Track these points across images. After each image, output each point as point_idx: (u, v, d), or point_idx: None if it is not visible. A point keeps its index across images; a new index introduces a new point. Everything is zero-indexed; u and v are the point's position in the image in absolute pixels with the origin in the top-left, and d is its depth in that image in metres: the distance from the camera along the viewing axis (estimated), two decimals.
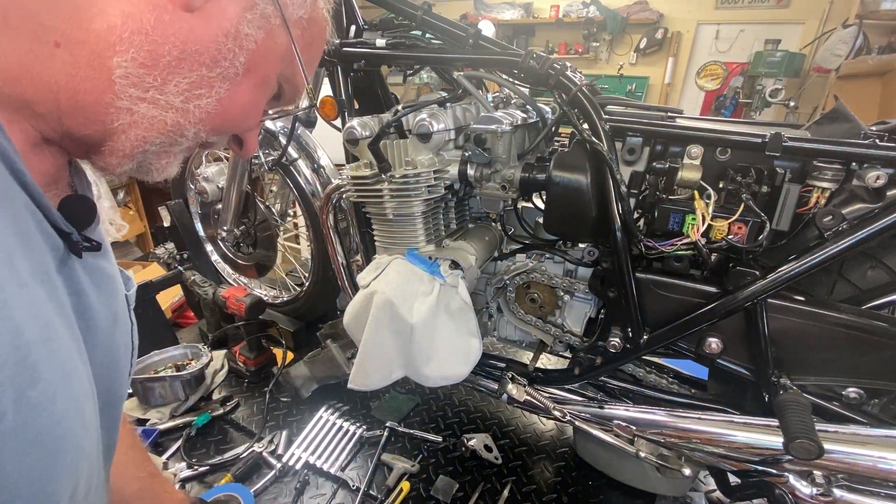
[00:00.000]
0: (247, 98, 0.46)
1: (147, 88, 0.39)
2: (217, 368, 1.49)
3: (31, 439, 0.33)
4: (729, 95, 4.52)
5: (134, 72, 0.38)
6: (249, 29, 0.43)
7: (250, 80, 0.45)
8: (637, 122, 0.86)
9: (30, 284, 0.34)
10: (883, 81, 3.34)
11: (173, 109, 0.41)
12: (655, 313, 0.93)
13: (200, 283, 1.55)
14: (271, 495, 1.11)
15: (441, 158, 1.00)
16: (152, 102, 0.40)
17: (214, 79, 0.42)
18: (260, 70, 0.46)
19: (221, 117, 0.45)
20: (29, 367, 0.32)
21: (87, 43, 0.36)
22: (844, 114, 0.84)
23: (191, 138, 0.44)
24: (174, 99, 0.41)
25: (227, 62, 0.42)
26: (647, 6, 5.05)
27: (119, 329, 0.50)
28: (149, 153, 0.43)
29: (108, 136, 0.41)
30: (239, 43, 0.42)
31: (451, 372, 0.99)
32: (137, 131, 0.41)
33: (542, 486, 1.16)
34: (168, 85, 0.40)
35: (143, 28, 0.37)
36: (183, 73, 0.40)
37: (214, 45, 0.41)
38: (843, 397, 0.85)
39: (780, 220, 0.79)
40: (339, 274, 1.36)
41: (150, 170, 0.45)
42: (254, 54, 0.44)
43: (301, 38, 0.47)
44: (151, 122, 0.41)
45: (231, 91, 0.44)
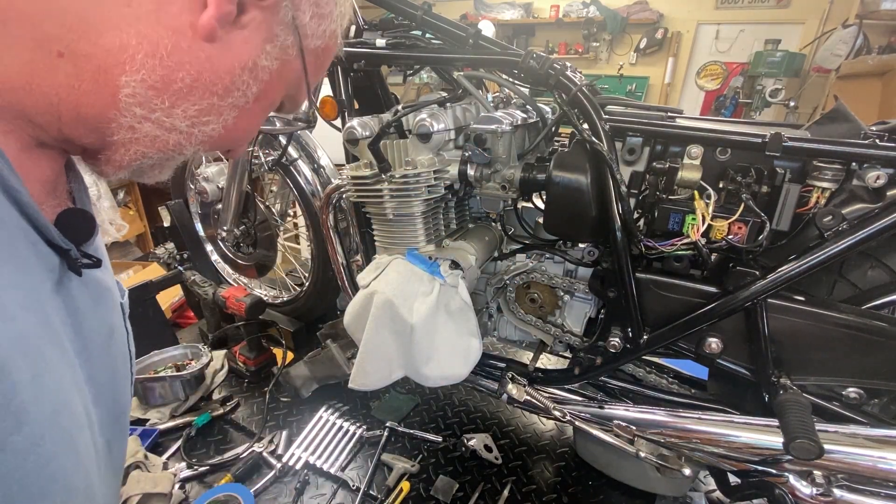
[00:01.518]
0: (253, 122, 0.46)
1: (154, 110, 0.38)
2: (217, 368, 1.49)
3: (16, 485, 0.32)
4: (729, 95, 4.52)
5: (142, 93, 0.37)
6: (267, 61, 0.42)
7: (259, 106, 0.45)
8: (637, 122, 0.86)
9: (18, 317, 0.33)
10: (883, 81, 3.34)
11: (177, 132, 0.40)
12: (655, 313, 0.93)
13: (200, 283, 1.55)
14: (271, 495, 1.11)
15: (441, 158, 1.00)
16: (157, 123, 0.39)
17: (224, 107, 0.41)
18: (269, 97, 0.45)
19: (224, 140, 0.44)
20: (13, 412, 0.31)
21: (94, 57, 0.35)
22: (844, 114, 0.84)
23: (188, 155, 0.44)
24: (180, 123, 0.40)
25: (239, 93, 0.41)
26: (647, 6, 5.05)
27: (116, 340, 0.49)
28: (144, 165, 0.42)
29: (107, 147, 0.40)
30: (255, 75, 0.42)
31: (451, 372, 0.99)
32: (138, 147, 0.40)
33: (542, 486, 1.16)
34: (176, 109, 0.39)
35: (157, 52, 0.36)
36: (193, 100, 0.39)
37: (229, 77, 0.40)
38: (843, 397, 0.85)
39: (780, 220, 0.79)
40: (339, 274, 1.36)
41: (143, 176, 0.45)
42: (266, 84, 0.43)
43: (313, 64, 0.47)
44: (153, 141, 0.40)
45: (238, 118, 0.43)
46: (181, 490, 1.11)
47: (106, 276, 0.48)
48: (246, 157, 1.45)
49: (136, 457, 1.11)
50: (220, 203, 1.66)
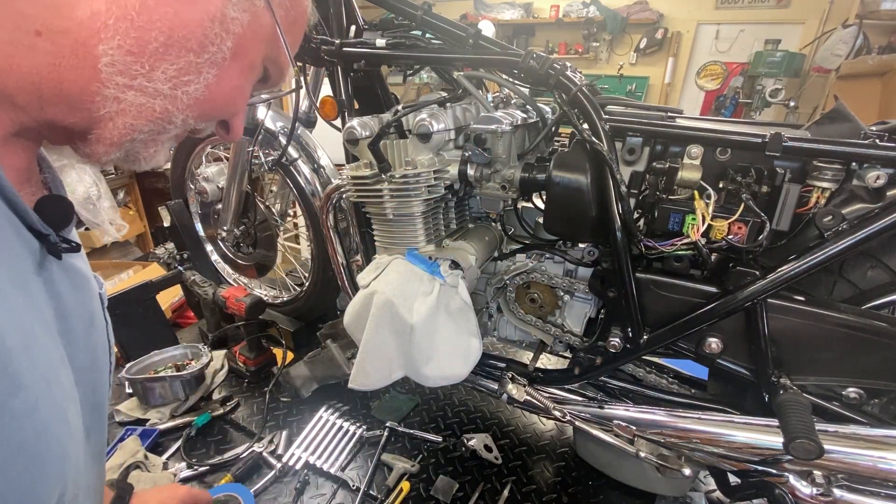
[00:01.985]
0: (235, 83, 0.46)
1: (134, 76, 0.38)
2: (217, 368, 1.49)
3: (15, 449, 0.33)
4: (729, 95, 4.52)
5: (121, 59, 0.37)
6: (235, 12, 0.42)
7: (237, 64, 0.45)
8: (637, 122, 0.86)
9: (8, 292, 0.34)
10: (883, 81, 3.34)
11: (161, 96, 0.41)
12: (655, 313, 0.93)
13: (200, 283, 1.55)
14: (271, 495, 1.11)
15: (441, 158, 1.00)
16: (140, 90, 0.39)
17: (202, 64, 0.42)
18: (247, 54, 0.45)
19: (210, 102, 0.44)
20: (10, 376, 0.32)
21: (70, 31, 0.35)
22: (844, 114, 0.84)
23: (179, 125, 0.44)
24: (162, 86, 0.40)
25: (214, 47, 0.42)
26: (647, 6, 5.05)
27: (96, 329, 0.50)
28: (136, 141, 0.42)
29: (95, 125, 0.40)
30: (226, 27, 0.42)
31: (451, 372, 0.99)
32: (125, 119, 0.40)
33: (542, 486, 1.16)
34: (156, 72, 0.39)
35: (127, 14, 0.37)
36: (170, 59, 0.40)
37: (201, 30, 0.41)
38: (843, 397, 0.85)
39: (780, 220, 0.79)
40: (339, 274, 1.36)
41: (138, 158, 0.45)
42: (240, 38, 0.44)
43: (285, 18, 0.47)
44: (139, 110, 0.40)
45: (219, 76, 0.43)
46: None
47: (84, 265, 0.49)
48: (246, 157, 1.45)
49: (136, 457, 1.11)
50: (220, 203, 1.66)
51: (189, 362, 1.42)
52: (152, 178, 3.35)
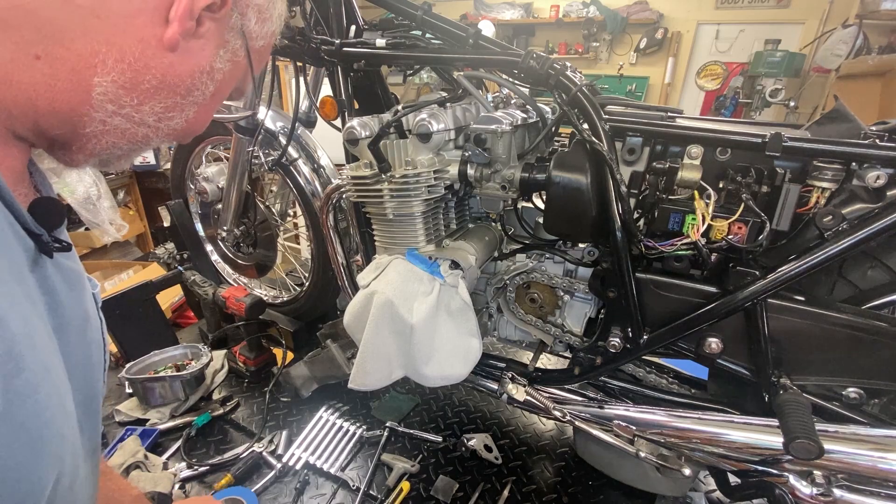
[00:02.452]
0: (208, 114, 0.52)
1: (123, 106, 0.43)
2: (217, 368, 1.49)
3: (17, 425, 0.34)
4: (729, 95, 4.52)
5: (113, 91, 0.42)
6: (220, 64, 0.49)
7: (214, 101, 0.51)
8: (637, 122, 0.86)
9: (8, 281, 0.36)
10: (883, 81, 3.34)
11: (145, 126, 0.46)
12: (655, 313, 0.93)
13: (200, 283, 1.55)
14: (271, 495, 1.11)
15: (441, 158, 1.00)
16: (126, 118, 0.44)
17: (186, 105, 0.48)
18: (222, 92, 0.52)
19: (185, 131, 0.50)
20: (14, 357, 0.34)
21: (68, 60, 0.39)
22: (844, 114, 0.84)
23: (153, 146, 0.50)
24: (148, 118, 0.45)
25: (199, 92, 0.48)
26: (647, 6, 5.05)
27: (90, 326, 0.51)
28: (112, 156, 0.47)
29: (78, 139, 0.44)
30: (211, 76, 0.48)
31: (451, 372, 0.99)
32: (109, 138, 0.44)
33: (542, 486, 1.16)
34: (144, 106, 0.44)
35: (126, 58, 0.41)
36: (159, 99, 0.45)
37: (190, 80, 0.46)
38: (843, 397, 0.85)
39: (780, 220, 0.79)
40: (339, 274, 1.36)
41: (110, 165, 0.50)
42: (221, 83, 0.50)
43: (257, 60, 0.54)
44: (123, 133, 0.45)
45: (198, 112, 0.50)
46: (181, 490, 1.11)
47: (76, 264, 0.51)
48: (246, 157, 1.45)
49: (136, 457, 1.11)
50: (220, 203, 1.66)
51: (189, 362, 1.42)
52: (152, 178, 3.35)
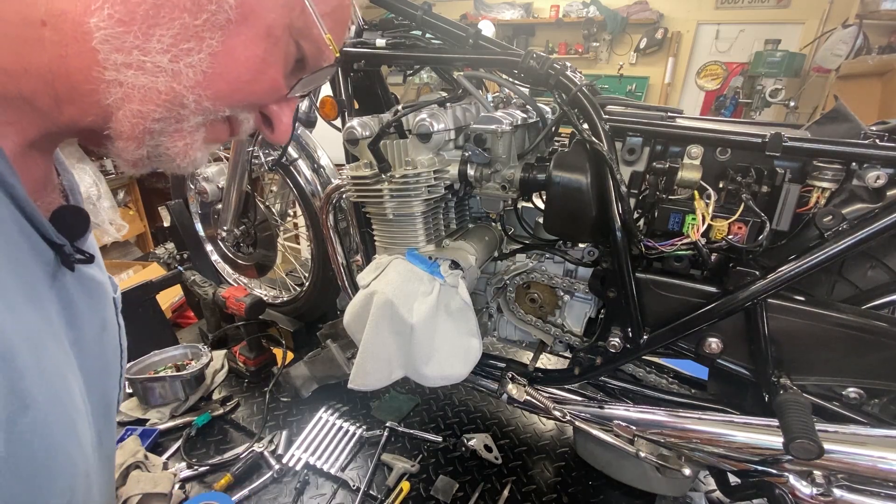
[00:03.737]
0: (250, 53, 0.39)
1: (129, 50, 0.35)
2: (217, 368, 1.49)
3: (23, 465, 0.33)
4: (729, 95, 4.52)
5: (113, 32, 0.34)
6: None
7: (249, 29, 0.38)
8: (637, 122, 0.86)
9: (19, 306, 0.34)
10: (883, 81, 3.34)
11: (163, 72, 0.36)
12: (655, 313, 0.93)
13: (200, 283, 1.55)
14: (271, 495, 1.11)
15: (441, 158, 1.00)
16: (138, 67, 0.36)
17: (201, 27, 0.36)
18: (259, 17, 0.38)
19: (223, 78, 0.38)
20: (20, 394, 0.32)
21: (67, 12, 0.33)
22: (844, 114, 0.84)
23: (193, 108, 0.39)
24: (160, 58, 0.36)
25: (213, 5, 0.36)
26: (647, 6, 5.05)
27: (108, 333, 0.50)
28: (154, 133, 0.39)
29: (107, 118, 0.37)
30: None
31: (451, 372, 0.99)
32: (131, 105, 0.37)
33: (542, 486, 1.16)
34: (150, 41, 0.35)
35: None
36: (163, 23, 0.35)
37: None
38: (843, 397, 0.85)
39: (780, 220, 0.78)
40: (339, 274, 1.36)
41: (169, 154, 0.40)
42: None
43: None
44: (144, 93, 0.36)
45: (226, 43, 0.37)
46: (181, 490, 1.11)
47: (98, 271, 0.49)
48: (246, 157, 1.45)
49: (136, 457, 1.11)
50: (220, 203, 1.66)
51: (189, 362, 1.42)
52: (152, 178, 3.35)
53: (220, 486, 1.10)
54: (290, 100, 0.46)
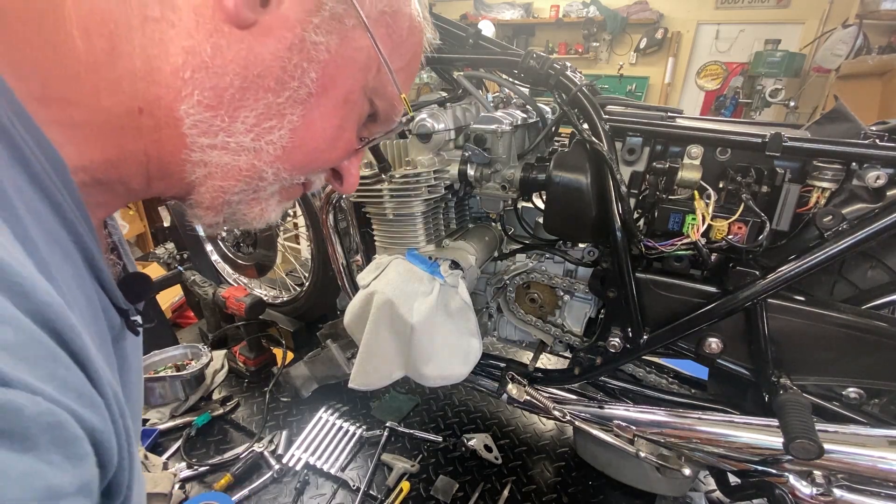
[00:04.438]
0: (328, 123, 0.39)
1: (216, 133, 0.35)
2: (217, 368, 1.49)
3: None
4: (729, 95, 4.52)
5: (201, 117, 0.35)
6: (318, 36, 0.36)
7: (328, 99, 0.38)
8: (637, 122, 0.86)
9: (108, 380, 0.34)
10: (883, 81, 3.34)
11: (245, 151, 0.37)
12: (655, 313, 0.93)
13: (200, 283, 1.55)
14: (271, 495, 1.11)
15: (441, 158, 1.00)
16: (223, 148, 0.36)
17: (284, 104, 0.36)
18: (339, 85, 0.38)
19: (301, 150, 0.39)
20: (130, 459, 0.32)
21: (161, 98, 0.33)
22: (844, 114, 0.84)
23: (272, 180, 0.39)
24: (244, 138, 0.36)
25: (295, 82, 0.36)
26: (647, 6, 5.05)
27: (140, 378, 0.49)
28: (233, 203, 0.39)
29: (190, 191, 0.38)
30: (307, 55, 0.36)
31: (451, 372, 0.99)
32: (214, 182, 0.37)
33: (542, 486, 1.16)
34: (235, 123, 0.36)
35: (203, 62, 0.33)
36: (248, 104, 0.35)
37: (278, 64, 0.35)
38: (843, 397, 0.85)
39: (780, 220, 0.79)
40: (339, 274, 1.36)
41: (245, 219, 0.41)
42: (327, 66, 0.37)
43: (387, 38, 0.40)
44: (226, 171, 0.37)
45: (306, 116, 0.38)
46: (181, 490, 1.11)
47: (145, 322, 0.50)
48: None
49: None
50: None
51: (189, 362, 1.42)
52: None
53: (220, 486, 1.10)
54: (358, 152, 0.46)
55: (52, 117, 0.30)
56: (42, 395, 0.22)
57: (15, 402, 0.21)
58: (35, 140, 0.28)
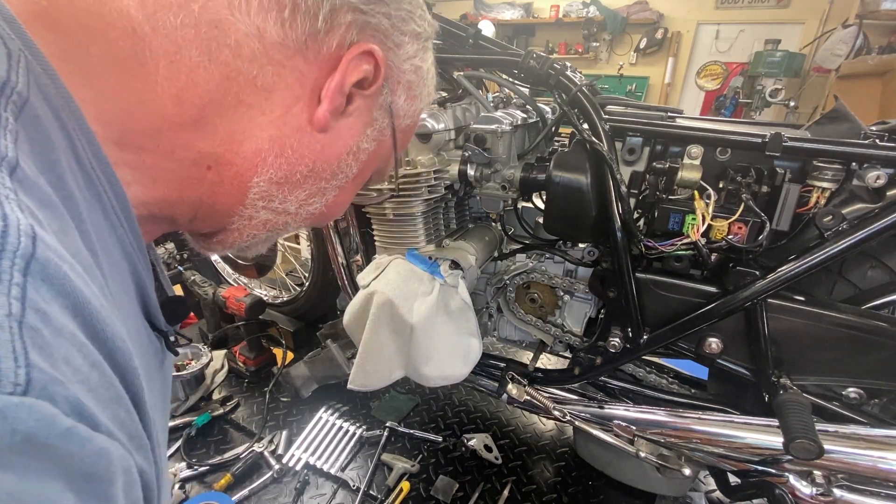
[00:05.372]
0: (348, 197, 0.49)
1: (272, 199, 0.41)
2: (217, 368, 1.49)
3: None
4: (729, 95, 4.52)
5: (267, 188, 0.40)
6: (366, 144, 0.45)
7: (354, 185, 0.48)
8: (637, 122, 0.86)
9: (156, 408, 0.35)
10: (883, 81, 3.34)
11: (287, 214, 0.43)
12: (655, 313, 0.93)
13: (200, 283, 1.54)
14: (271, 495, 1.11)
15: (441, 158, 1.00)
16: (272, 210, 0.42)
17: (329, 189, 0.45)
18: (364, 174, 0.48)
19: (322, 216, 0.47)
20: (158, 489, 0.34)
21: (234, 165, 0.38)
22: (844, 114, 0.84)
23: (290, 232, 0.47)
24: (291, 206, 0.43)
25: (343, 175, 0.45)
26: (647, 6, 5.05)
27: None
28: (250, 244, 0.46)
29: (222, 232, 0.43)
30: (357, 157, 0.45)
31: (451, 372, 0.99)
32: (251, 231, 0.43)
33: (542, 486, 1.16)
34: (290, 197, 0.42)
35: (285, 152, 0.39)
36: (306, 187, 0.43)
37: (337, 162, 0.43)
38: (843, 397, 0.85)
39: (780, 220, 0.79)
40: (339, 274, 1.36)
41: (246, 252, 0.48)
42: (363, 164, 0.46)
43: (401, 140, 0.50)
44: (264, 224, 0.43)
45: (337, 196, 0.46)
46: (181, 490, 1.11)
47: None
48: None
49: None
50: None
51: (189, 362, 1.42)
52: None
53: (220, 486, 1.10)
54: None
55: (125, 160, 0.33)
56: (118, 440, 0.23)
57: (106, 448, 0.22)
58: (107, 178, 0.31)
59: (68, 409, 0.21)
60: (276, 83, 0.37)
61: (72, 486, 0.21)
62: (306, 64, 0.37)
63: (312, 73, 0.38)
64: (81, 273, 0.25)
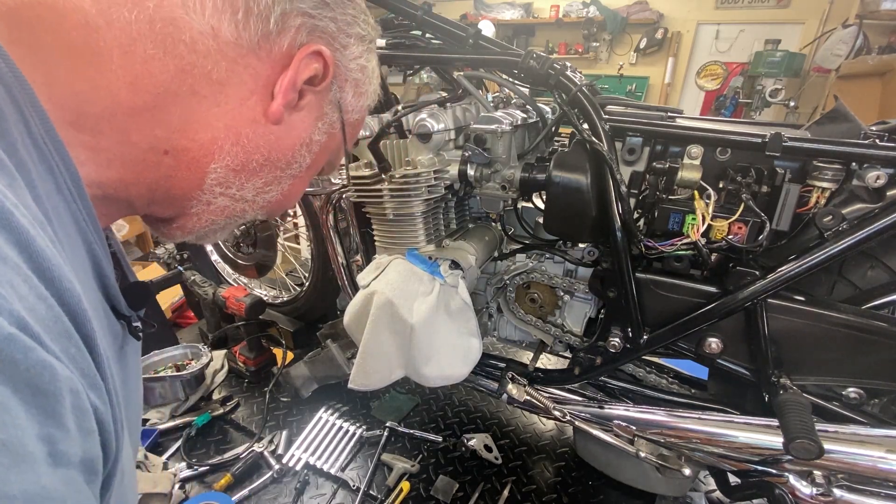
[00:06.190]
0: (302, 186, 0.52)
1: (229, 186, 0.44)
2: (217, 368, 1.49)
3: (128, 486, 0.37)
4: (729, 95, 4.52)
5: (224, 175, 0.43)
6: (318, 136, 0.48)
7: (308, 174, 0.51)
8: (637, 122, 0.86)
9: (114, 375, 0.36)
10: (883, 81, 3.34)
11: (244, 201, 0.46)
12: (655, 313, 0.93)
13: (200, 283, 1.55)
14: (271, 495, 1.11)
15: (441, 158, 1.00)
16: (230, 196, 0.45)
17: (284, 178, 0.48)
18: (316, 165, 0.52)
19: (278, 204, 0.50)
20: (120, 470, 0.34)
21: (191, 151, 0.40)
22: (844, 114, 0.84)
23: (247, 220, 0.50)
24: (248, 194, 0.46)
25: (297, 165, 0.48)
26: (647, 6, 5.05)
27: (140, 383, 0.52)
28: (209, 231, 0.48)
29: (181, 217, 0.45)
30: (309, 148, 0.48)
31: (451, 372, 0.99)
32: (209, 216, 0.46)
33: (542, 486, 1.16)
34: (247, 184, 0.45)
35: (240, 140, 0.42)
36: (262, 175, 0.46)
37: (291, 153, 0.47)
38: (843, 397, 0.85)
39: (780, 220, 0.78)
40: (339, 274, 1.36)
41: (205, 240, 0.51)
42: (317, 154, 0.50)
43: (350, 133, 0.54)
44: (223, 210, 0.46)
45: (292, 185, 0.50)
46: (181, 490, 1.11)
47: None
48: None
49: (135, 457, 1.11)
50: None
51: (189, 362, 1.42)
52: None
53: (220, 486, 1.10)
54: None
55: (80, 140, 0.35)
56: (66, 366, 0.24)
57: (50, 362, 0.23)
58: (59, 155, 0.32)
59: (11, 321, 0.22)
60: (230, 78, 0.39)
61: (18, 394, 0.22)
62: (259, 62, 0.40)
63: (265, 70, 0.41)
64: (30, 219, 0.26)
